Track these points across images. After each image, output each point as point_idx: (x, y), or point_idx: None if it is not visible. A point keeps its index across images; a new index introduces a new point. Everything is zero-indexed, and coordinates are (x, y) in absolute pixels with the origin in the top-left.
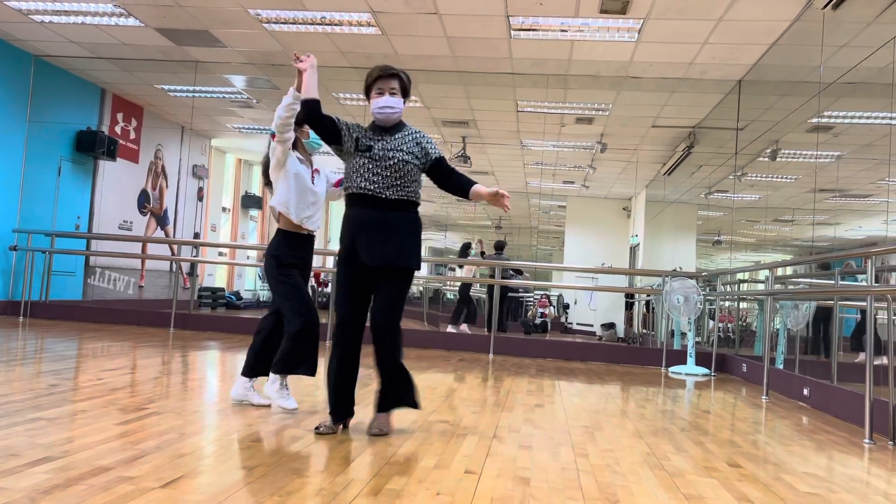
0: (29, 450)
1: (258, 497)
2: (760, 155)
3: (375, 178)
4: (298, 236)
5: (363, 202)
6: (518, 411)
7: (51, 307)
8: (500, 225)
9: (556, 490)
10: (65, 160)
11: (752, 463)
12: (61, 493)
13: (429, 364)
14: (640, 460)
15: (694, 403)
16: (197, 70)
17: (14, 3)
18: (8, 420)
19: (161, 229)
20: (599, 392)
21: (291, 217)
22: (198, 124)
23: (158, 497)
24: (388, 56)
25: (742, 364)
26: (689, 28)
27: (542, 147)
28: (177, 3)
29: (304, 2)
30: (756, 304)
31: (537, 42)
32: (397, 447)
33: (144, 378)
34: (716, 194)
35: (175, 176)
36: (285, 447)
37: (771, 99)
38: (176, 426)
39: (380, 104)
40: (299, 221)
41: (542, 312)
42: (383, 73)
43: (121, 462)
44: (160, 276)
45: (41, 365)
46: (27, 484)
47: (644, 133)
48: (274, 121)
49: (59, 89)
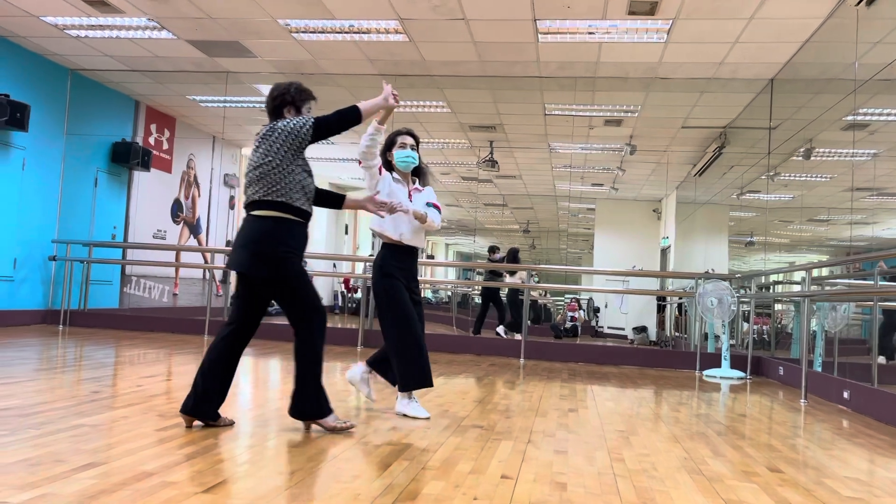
0: (74, 455)
1: (298, 502)
2: (794, 154)
3: None
4: (401, 248)
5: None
6: (552, 416)
7: (89, 315)
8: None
9: (594, 495)
10: (101, 171)
11: (792, 467)
12: (107, 497)
13: (460, 369)
14: (678, 465)
15: (730, 407)
16: (228, 80)
17: (51, 19)
18: (53, 427)
19: (194, 238)
20: (633, 396)
21: (390, 235)
22: (229, 134)
23: (202, 501)
24: (416, 62)
25: (779, 367)
26: (719, 27)
27: (571, 150)
28: (208, 15)
29: (333, 11)
30: (792, 306)
31: (565, 45)
32: (433, 452)
33: (181, 385)
34: (748, 195)
35: (207, 185)
36: (322, 452)
37: (804, 97)
38: (213, 432)
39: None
40: (399, 238)
41: (572, 316)
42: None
43: (163, 467)
44: (193, 284)
45: (82, 372)
46: (74, 489)
47: (674, 134)
48: (359, 149)
49: (94, 102)
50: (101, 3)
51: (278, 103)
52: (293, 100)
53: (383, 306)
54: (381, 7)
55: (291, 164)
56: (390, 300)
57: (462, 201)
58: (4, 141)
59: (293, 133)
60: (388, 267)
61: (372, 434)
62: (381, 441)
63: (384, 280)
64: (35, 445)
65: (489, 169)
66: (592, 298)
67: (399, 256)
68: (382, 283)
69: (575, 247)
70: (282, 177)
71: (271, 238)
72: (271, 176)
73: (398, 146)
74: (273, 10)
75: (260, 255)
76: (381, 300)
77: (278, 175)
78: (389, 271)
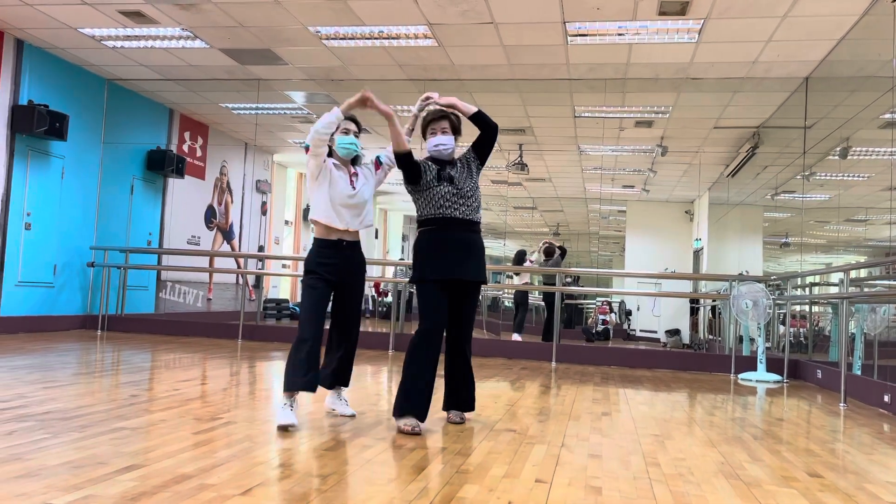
0: (115, 458)
1: None
2: (830, 153)
3: (460, 204)
4: (329, 242)
5: (452, 225)
6: (585, 420)
7: (126, 320)
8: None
9: (629, 500)
10: (137, 179)
11: (832, 472)
12: (148, 499)
13: (492, 372)
14: (715, 469)
15: (766, 411)
16: (259, 88)
17: (88, 31)
18: (94, 430)
19: (227, 243)
20: (667, 400)
21: (335, 224)
22: (260, 140)
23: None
24: (445, 67)
25: (816, 370)
26: (751, 26)
27: (601, 152)
28: (240, 23)
29: (363, 17)
30: (829, 308)
31: (594, 47)
32: (466, 456)
33: (216, 388)
34: (783, 195)
35: (239, 191)
36: (356, 456)
37: (840, 95)
38: (249, 435)
39: (434, 142)
40: (345, 227)
41: (604, 319)
42: (435, 116)
43: (201, 470)
44: (227, 289)
45: (120, 376)
46: (116, 491)
47: (706, 135)
48: (310, 135)
49: (130, 111)
50: (137, 14)
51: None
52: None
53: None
54: (410, 12)
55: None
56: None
57: (491, 205)
58: (44, 150)
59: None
60: (311, 264)
61: (405, 438)
62: (414, 445)
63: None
64: (77, 448)
65: (518, 172)
66: (624, 301)
67: (326, 252)
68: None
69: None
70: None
71: None
72: (478, 198)
73: (341, 132)
74: (304, 18)
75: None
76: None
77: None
78: (311, 269)
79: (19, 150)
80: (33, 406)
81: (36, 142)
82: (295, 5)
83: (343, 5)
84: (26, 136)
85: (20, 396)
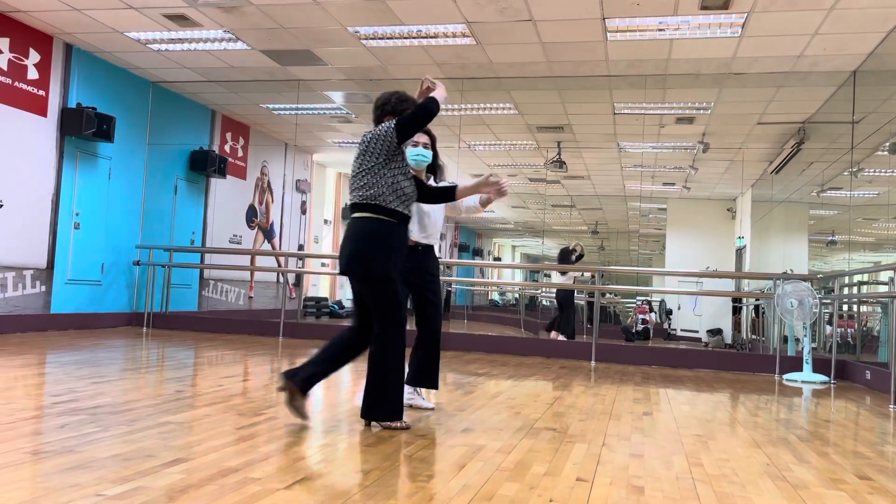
0: (163, 451)
1: (375, 500)
2: (879, 148)
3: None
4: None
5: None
6: (626, 419)
7: (170, 318)
8: (597, 230)
9: (672, 500)
10: (180, 179)
11: (882, 475)
12: (196, 492)
13: (530, 371)
14: (760, 471)
15: (813, 412)
16: (299, 88)
17: (134, 34)
18: (142, 424)
19: (268, 242)
20: (709, 400)
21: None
22: (300, 140)
23: (284, 498)
24: (483, 65)
25: (865, 371)
26: (797, 19)
27: (641, 149)
28: (281, 25)
29: (401, 17)
30: (878, 308)
31: (634, 43)
32: (506, 454)
33: (258, 385)
34: (829, 192)
35: (280, 190)
36: (397, 452)
37: (890, 89)
38: (291, 430)
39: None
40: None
41: (643, 319)
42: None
43: (246, 464)
44: (268, 288)
45: (165, 372)
46: (164, 483)
47: (749, 131)
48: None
49: (174, 112)
50: (181, 17)
51: (379, 113)
52: (393, 109)
53: None
54: (448, 11)
55: (384, 168)
56: None
57: (529, 203)
58: (92, 151)
59: (380, 139)
60: None
61: (445, 435)
62: (455, 442)
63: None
64: (126, 441)
65: (557, 170)
66: (664, 300)
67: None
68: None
69: (646, 248)
70: (375, 181)
71: (367, 238)
72: (365, 180)
73: (410, 143)
74: (343, 18)
75: (357, 255)
76: None
77: (371, 179)
78: None
79: (68, 151)
80: (84, 400)
81: (84, 143)
82: (334, 6)
83: (382, 5)
84: (75, 138)
85: (71, 391)
